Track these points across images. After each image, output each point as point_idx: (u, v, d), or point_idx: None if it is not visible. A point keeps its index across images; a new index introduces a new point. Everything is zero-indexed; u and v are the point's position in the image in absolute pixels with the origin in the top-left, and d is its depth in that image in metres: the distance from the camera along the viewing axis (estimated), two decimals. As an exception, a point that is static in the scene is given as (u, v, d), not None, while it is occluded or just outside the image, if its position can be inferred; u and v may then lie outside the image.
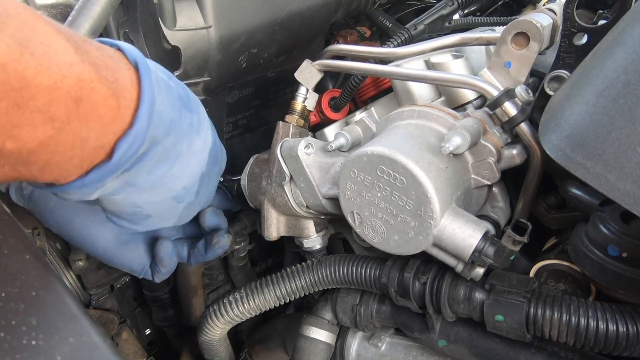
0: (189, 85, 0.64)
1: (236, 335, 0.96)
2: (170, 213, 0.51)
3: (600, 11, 0.59)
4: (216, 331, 0.73)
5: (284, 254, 0.97)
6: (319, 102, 0.75)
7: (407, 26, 0.73)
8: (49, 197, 0.57)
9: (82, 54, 0.32)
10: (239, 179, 0.74)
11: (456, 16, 0.78)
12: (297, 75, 0.68)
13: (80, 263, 0.78)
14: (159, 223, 0.52)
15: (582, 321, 0.47)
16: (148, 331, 0.96)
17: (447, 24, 0.75)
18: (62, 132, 0.31)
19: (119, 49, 0.39)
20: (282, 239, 0.73)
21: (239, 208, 0.81)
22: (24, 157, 0.31)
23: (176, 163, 0.45)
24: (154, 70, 0.41)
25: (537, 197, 0.57)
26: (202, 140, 0.49)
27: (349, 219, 0.56)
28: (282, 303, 0.70)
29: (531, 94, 0.54)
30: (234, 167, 0.83)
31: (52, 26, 0.31)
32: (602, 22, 0.49)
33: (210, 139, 0.51)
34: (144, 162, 0.40)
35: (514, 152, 0.53)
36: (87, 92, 0.32)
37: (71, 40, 0.32)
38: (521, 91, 0.53)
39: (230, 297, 0.71)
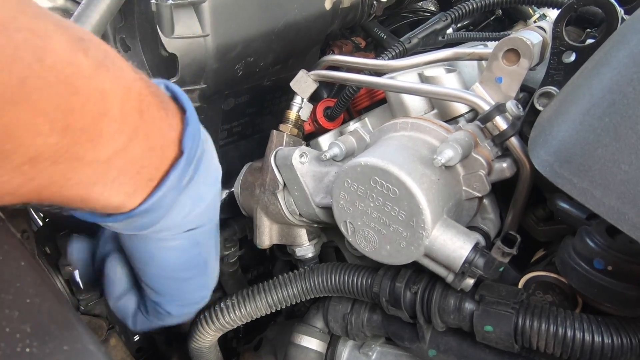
0: (184, 92, 0.64)
1: (226, 342, 0.96)
2: (214, 246, 0.49)
3: (588, 30, 0.61)
4: (207, 338, 0.73)
5: (275, 262, 0.97)
6: (313, 111, 0.76)
7: (401, 39, 0.74)
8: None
9: (136, 71, 0.35)
10: None
11: (449, 30, 0.79)
12: (293, 84, 0.68)
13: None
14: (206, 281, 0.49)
15: (569, 332, 0.48)
16: (137, 338, 0.95)
17: (440, 38, 0.76)
18: (132, 143, 0.34)
19: None
20: (273, 246, 0.74)
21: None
22: (101, 167, 0.32)
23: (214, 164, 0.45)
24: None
25: (526, 210, 0.58)
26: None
27: (342, 228, 0.57)
28: (273, 311, 0.70)
29: (521, 109, 0.55)
30: (227, 174, 0.83)
31: (112, 48, 0.34)
32: (589, 41, 0.51)
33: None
34: (204, 159, 0.41)
35: (504, 165, 0.54)
36: (147, 104, 0.35)
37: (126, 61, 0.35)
38: (511, 106, 0.54)
39: (222, 304, 0.71)
